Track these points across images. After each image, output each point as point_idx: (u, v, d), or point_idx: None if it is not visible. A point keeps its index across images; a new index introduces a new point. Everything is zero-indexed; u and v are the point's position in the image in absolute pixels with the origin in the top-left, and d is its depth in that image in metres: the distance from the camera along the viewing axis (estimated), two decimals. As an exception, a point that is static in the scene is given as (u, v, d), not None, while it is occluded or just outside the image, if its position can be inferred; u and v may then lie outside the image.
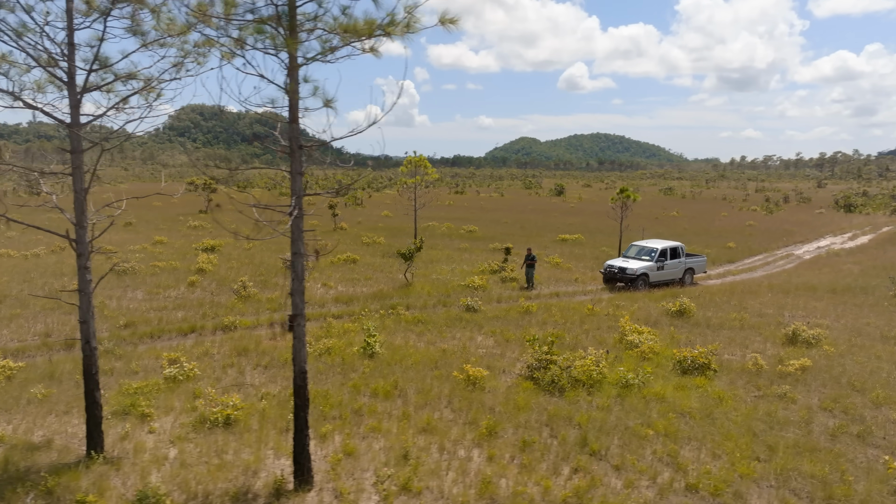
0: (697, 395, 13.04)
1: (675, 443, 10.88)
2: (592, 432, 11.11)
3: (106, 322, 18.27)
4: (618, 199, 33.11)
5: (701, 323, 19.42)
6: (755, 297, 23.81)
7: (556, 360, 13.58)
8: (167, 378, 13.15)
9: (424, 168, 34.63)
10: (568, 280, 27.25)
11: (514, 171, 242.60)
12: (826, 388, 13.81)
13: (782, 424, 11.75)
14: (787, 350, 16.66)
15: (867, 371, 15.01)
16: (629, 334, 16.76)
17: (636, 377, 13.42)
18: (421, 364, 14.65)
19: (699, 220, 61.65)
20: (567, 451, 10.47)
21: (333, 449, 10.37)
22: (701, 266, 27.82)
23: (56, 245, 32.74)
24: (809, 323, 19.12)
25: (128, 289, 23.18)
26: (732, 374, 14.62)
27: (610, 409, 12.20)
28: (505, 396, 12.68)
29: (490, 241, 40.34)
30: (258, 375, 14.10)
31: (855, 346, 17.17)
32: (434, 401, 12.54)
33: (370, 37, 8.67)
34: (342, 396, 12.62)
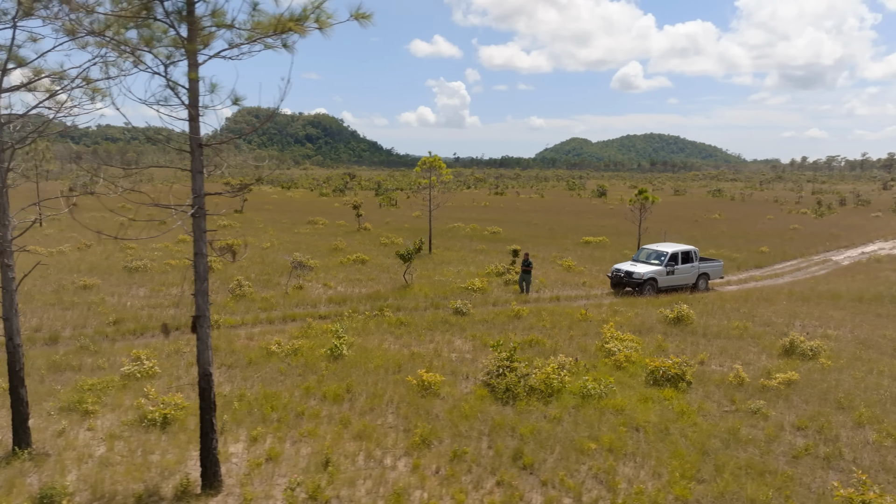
0: (660, 408, 12.33)
1: (617, 459, 10.28)
2: (532, 444, 10.62)
3: (97, 318, 18.74)
4: (636, 200, 32.01)
5: (697, 331, 18.50)
6: (769, 305, 22.58)
7: (516, 368, 13.10)
8: (124, 375, 13.31)
9: (439, 168, 34.32)
10: (575, 284, 26.50)
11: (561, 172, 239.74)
12: (808, 405, 12.87)
13: (743, 443, 10.96)
14: (781, 362, 15.66)
15: (861, 387, 13.93)
16: (609, 342, 16.08)
17: (598, 387, 12.80)
18: (384, 368, 14.40)
19: (741, 223, 59.33)
20: (498, 464, 10.03)
21: (259, 452, 10.23)
22: (717, 271, 26.60)
23: (82, 243, 34.02)
24: (810, 334, 18.04)
25: (133, 286, 23.78)
26: (710, 387, 13.80)
27: (560, 421, 11.66)
28: (454, 404, 12.30)
29: (511, 243, 39.71)
30: (219, 375, 14.11)
31: (859, 360, 16.00)
32: (381, 406, 12.28)
33: (277, 33, 8.47)
34: (291, 398, 12.49)
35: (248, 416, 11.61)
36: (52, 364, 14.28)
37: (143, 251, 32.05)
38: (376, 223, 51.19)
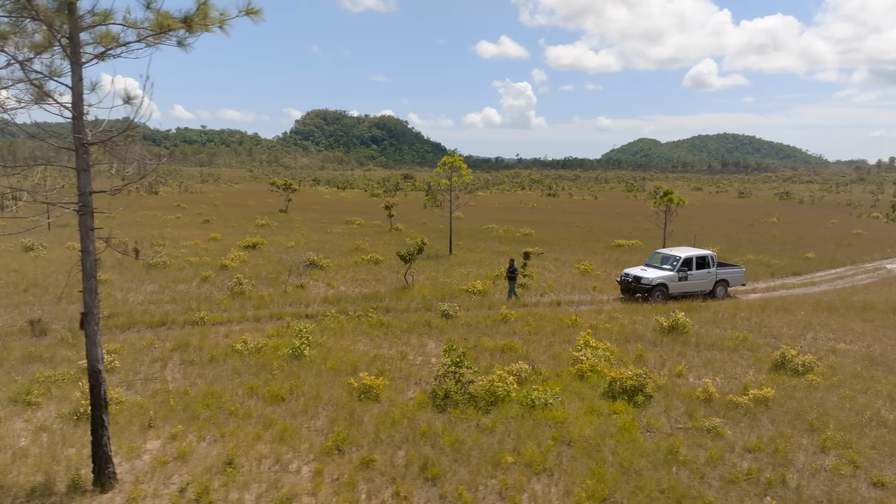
0: (602, 422, 11.62)
1: (532, 474, 9.74)
2: (449, 455, 10.21)
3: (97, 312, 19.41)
4: (660, 202, 30.65)
5: (690, 342, 17.43)
6: (786, 315, 21.08)
7: (463, 374, 12.66)
8: (80, 369, 13.69)
9: (460, 169, 33.91)
10: (585, 288, 25.59)
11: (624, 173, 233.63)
12: (773, 425, 11.84)
13: (678, 464, 10.16)
14: (768, 377, 14.52)
15: (845, 408, 12.71)
16: (581, 349, 15.35)
17: (543, 397, 12.21)
18: (338, 369, 14.26)
19: (799, 227, 56.15)
20: (403, 474, 9.67)
21: (171, 451, 10.26)
22: (737, 278, 25.06)
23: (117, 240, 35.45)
24: (803, 348, 16.74)
25: (146, 282, 24.61)
26: (674, 401, 12.92)
27: (492, 431, 11.17)
28: (388, 410, 11.99)
29: (539, 244, 38.94)
30: (178, 370, 14.34)
31: (858, 378, 14.65)
32: (314, 409, 12.12)
33: (161, 32, 8.45)
34: (230, 397, 12.52)
35: (179, 413, 11.69)
36: (27, 355, 14.89)
37: (174, 248, 33.19)
38: (412, 224, 51.33)
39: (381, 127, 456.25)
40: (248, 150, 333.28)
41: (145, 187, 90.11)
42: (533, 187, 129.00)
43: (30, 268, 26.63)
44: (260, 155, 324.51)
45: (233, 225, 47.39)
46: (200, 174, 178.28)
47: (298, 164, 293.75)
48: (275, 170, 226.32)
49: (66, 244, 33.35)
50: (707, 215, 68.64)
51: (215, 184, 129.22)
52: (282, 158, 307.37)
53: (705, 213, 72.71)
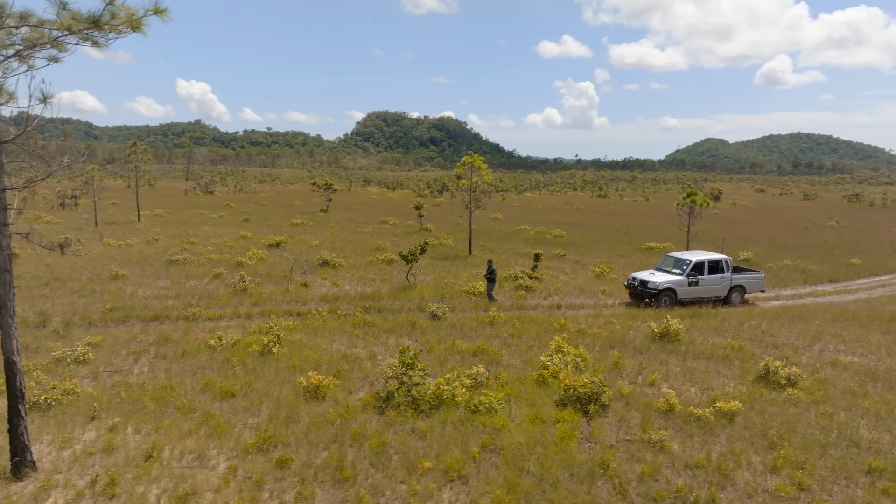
0: (541, 430, 11.17)
1: (446, 481, 9.46)
2: (369, 458, 10.06)
3: (99, 305, 20.24)
4: (684, 204, 29.40)
5: (679, 350, 16.61)
6: (799, 325, 19.83)
7: (411, 377, 12.46)
8: (54, 360, 14.26)
9: (479, 169, 33.54)
10: (593, 292, 24.83)
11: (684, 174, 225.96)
12: (730, 441, 11.10)
13: (607, 477, 9.65)
14: (747, 389, 13.65)
15: (818, 426, 11.80)
16: (553, 355, 14.84)
17: (488, 402, 11.87)
18: (300, 367, 14.30)
19: (858, 231, 52.91)
20: (314, 475, 9.58)
21: (99, 442, 10.50)
22: (755, 284, 23.72)
23: (150, 237, 37.00)
24: (787, 360, 15.60)
25: (160, 277, 25.47)
26: (631, 412, 12.32)
27: (425, 436, 10.93)
28: (327, 409, 11.93)
29: (567, 246, 38.15)
30: (147, 364, 14.71)
31: (848, 393, 13.59)
32: (258, 406, 12.19)
33: (72, 33, 8.65)
34: (183, 392, 12.75)
35: (127, 405, 11.98)
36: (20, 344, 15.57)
37: (203, 245, 34.26)
38: (446, 224, 51.25)
39: (439, 128, 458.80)
40: (309, 152, 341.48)
41: (202, 187, 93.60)
42: (585, 188, 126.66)
43: (60, 263, 28.02)
44: (321, 156, 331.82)
45: (269, 224, 48.53)
46: (261, 174, 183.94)
47: (357, 164, 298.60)
48: (333, 170, 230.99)
49: (104, 241, 34.94)
50: (760, 218, 65.64)
51: (272, 184, 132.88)
52: (341, 159, 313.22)
53: (759, 215, 69.54)
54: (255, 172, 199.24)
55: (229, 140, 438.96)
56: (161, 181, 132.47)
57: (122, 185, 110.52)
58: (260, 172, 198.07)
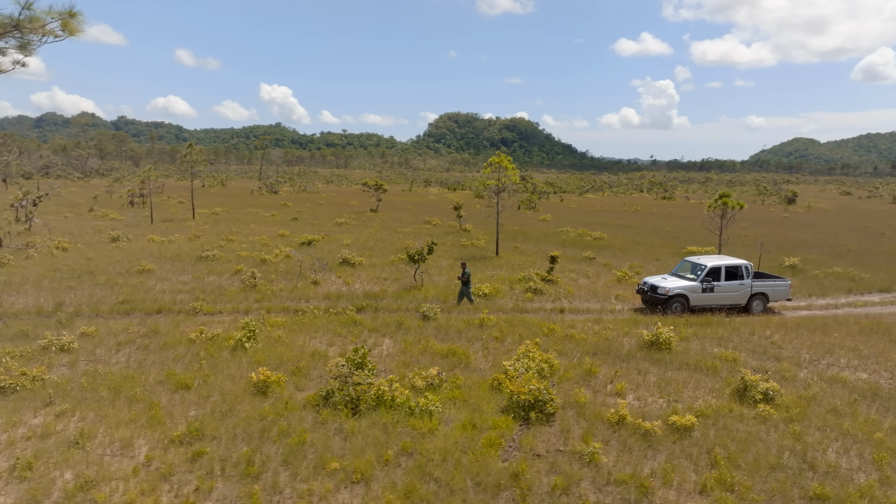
0: (469, 436, 10.84)
1: (349, 483, 9.35)
2: (283, 455, 10.08)
3: (114, 297, 21.29)
4: (715, 206, 27.89)
5: (664, 359, 15.76)
6: (818, 336, 18.45)
7: (355, 376, 12.41)
8: (40, 347, 15.10)
9: (507, 169, 33.04)
10: (606, 296, 23.96)
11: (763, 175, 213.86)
12: (670, 458, 10.42)
13: (516, 489, 9.26)
14: (721, 403, 12.79)
15: (780, 447, 10.89)
16: (520, 359, 14.41)
17: (425, 405, 11.66)
18: (263, 362, 14.53)
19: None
20: (222, 468, 9.70)
21: (40, 428, 11.01)
22: (779, 292, 22.17)
23: (192, 234, 38.64)
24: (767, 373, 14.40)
25: (184, 272, 26.55)
26: (580, 421, 11.78)
27: (350, 435, 10.85)
28: (267, 405, 12.04)
29: (603, 249, 37.07)
30: (129, 354, 15.32)
31: (833, 413, 12.51)
32: (204, 399, 12.45)
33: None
34: (142, 382, 13.20)
35: (84, 393, 12.52)
36: (18, 333, 16.65)
37: (241, 242, 35.50)
38: (487, 224, 50.81)
39: (511, 129, 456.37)
40: (381, 153, 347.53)
41: (268, 187, 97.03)
42: (652, 190, 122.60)
43: (102, 256, 29.71)
44: (392, 157, 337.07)
45: (314, 223, 49.67)
46: (330, 175, 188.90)
47: (427, 165, 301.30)
48: (401, 171, 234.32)
49: (148, 237, 36.83)
50: (831, 222, 61.51)
51: (338, 184, 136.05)
52: (411, 161, 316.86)
53: (832, 219, 65.17)
54: (326, 173, 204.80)
55: (307, 142, 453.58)
56: (235, 181, 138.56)
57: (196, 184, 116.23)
58: (330, 173, 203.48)
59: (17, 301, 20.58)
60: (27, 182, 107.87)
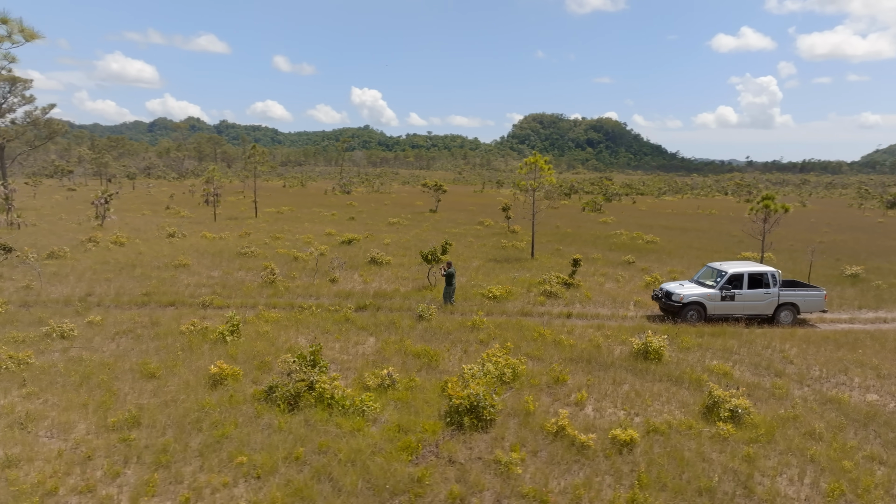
0: (392, 437, 10.64)
1: (251, 477, 9.43)
2: (199, 446, 10.31)
3: (140, 289, 22.55)
4: (758, 209, 26.00)
5: (648, 369, 14.84)
6: (842, 352, 16.84)
7: (298, 373, 12.49)
8: (43, 334, 16.19)
9: (541, 170, 32.21)
10: (624, 302, 22.88)
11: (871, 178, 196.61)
12: (592, 475, 9.79)
13: (411, 494, 9.01)
14: (684, 420, 11.91)
15: (724, 469, 9.99)
16: (478, 362, 14.01)
17: (358, 405, 11.57)
18: (234, 356, 14.91)
19: None
20: (139, 455, 10.03)
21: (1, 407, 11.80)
22: (812, 303, 20.32)
23: (243, 231, 40.28)
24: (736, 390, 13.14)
25: (216, 268, 27.72)
26: (521, 430, 11.31)
27: (277, 430, 10.94)
28: (214, 397, 12.34)
29: (654, 253, 35.51)
30: (121, 343, 16.15)
31: (808, 437, 11.39)
32: (164, 388, 12.91)
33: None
34: (113, 369, 13.87)
35: (58, 377, 13.30)
36: (34, 319, 17.95)
37: (288, 240, 36.71)
38: (540, 226, 49.86)
39: (597, 129, 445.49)
40: (463, 154, 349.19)
41: (341, 187, 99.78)
42: (737, 192, 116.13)
43: (151, 251, 31.57)
44: (474, 159, 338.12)
45: (368, 222, 50.53)
46: (410, 176, 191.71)
47: (508, 167, 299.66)
48: (481, 172, 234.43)
49: (201, 234, 38.75)
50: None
51: (414, 185, 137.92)
52: (493, 162, 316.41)
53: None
54: (406, 174, 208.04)
55: (393, 143, 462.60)
56: (317, 181, 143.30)
57: (276, 185, 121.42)
58: (410, 174, 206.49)
59: (54, 290, 22.19)
60: (128, 181, 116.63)
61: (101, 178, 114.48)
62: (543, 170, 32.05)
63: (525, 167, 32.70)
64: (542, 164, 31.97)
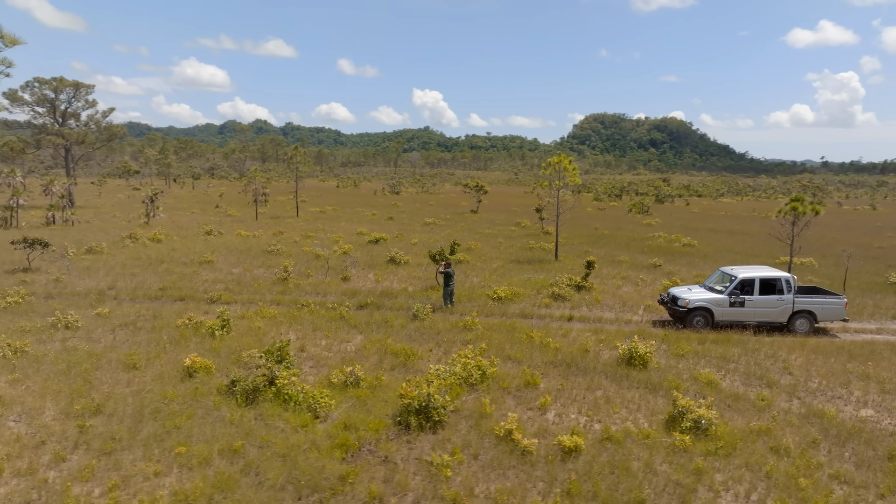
0: (335, 434, 10.68)
1: (182, 468, 9.67)
2: (147, 435, 10.65)
3: (157, 284, 23.49)
4: (786, 212, 24.67)
5: (631, 376, 14.33)
6: (850, 365, 15.81)
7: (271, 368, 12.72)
8: (49, 324, 17.07)
9: (564, 170, 31.55)
10: (635, 306, 22.16)
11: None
12: (526, 481, 9.55)
13: (331, 492, 9.03)
14: (642, 429, 11.46)
15: (666, 481, 9.56)
16: (455, 364, 13.87)
17: (308, 402, 11.69)
18: (216, 350, 15.31)
19: None
20: (88, 442, 10.44)
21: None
22: (830, 311, 19.09)
23: (277, 230, 41.29)
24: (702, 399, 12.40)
25: (239, 265, 28.52)
26: (469, 434, 11.15)
27: (229, 424, 11.18)
28: (176, 390, 12.71)
29: (685, 256, 34.32)
30: (118, 335, 16.85)
31: (772, 453, 10.72)
32: (140, 379, 13.40)
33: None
34: (98, 359, 14.49)
35: (46, 365, 13.99)
36: (48, 310, 18.96)
37: (319, 238, 37.46)
38: (572, 227, 49.00)
39: (661, 129, 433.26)
40: (521, 155, 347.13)
41: (390, 188, 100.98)
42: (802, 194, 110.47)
43: (184, 247, 32.84)
44: (532, 160, 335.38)
45: (405, 222, 50.92)
46: (465, 177, 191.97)
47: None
48: (536, 173, 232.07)
49: (237, 231, 39.99)
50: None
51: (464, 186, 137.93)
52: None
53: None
54: (461, 175, 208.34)
55: (451, 144, 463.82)
56: (371, 182, 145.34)
57: (331, 185, 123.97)
58: (465, 175, 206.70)
59: (80, 284, 23.38)
60: (193, 181, 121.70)
61: (166, 178, 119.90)
62: (567, 170, 31.44)
63: (549, 167, 32.14)
64: (565, 165, 31.39)
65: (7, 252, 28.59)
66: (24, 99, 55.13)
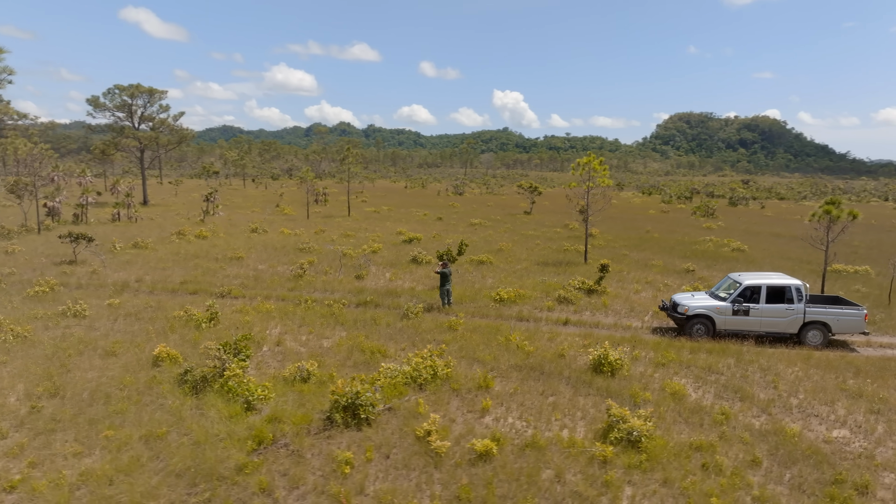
0: (251, 427, 10.92)
1: (100, 450, 10.22)
2: (91, 418, 11.30)
3: (181, 278, 24.74)
4: (819, 215, 22.93)
5: (595, 383, 13.80)
6: (854, 381, 14.59)
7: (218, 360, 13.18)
8: (59, 313, 18.35)
9: (594, 171, 30.57)
10: (642, 311, 21.27)
11: None
12: (419, 484, 9.44)
13: (231, 482, 9.28)
14: (571, 437, 11.05)
15: (570, 493, 9.18)
16: (405, 360, 13.84)
17: (245, 395, 12.02)
18: (195, 341, 15.97)
19: None
20: (34, 421, 11.18)
21: (-25, 371, 13.65)
22: (847, 323, 17.55)
23: (319, 228, 42.37)
24: (634, 410, 11.61)
25: (267, 261, 29.53)
26: (394, 434, 11.12)
27: (169, 411, 11.68)
28: (135, 377, 13.36)
29: (724, 261, 32.60)
30: (120, 325, 17.89)
31: (702, 469, 10.05)
32: (114, 365, 14.19)
33: None
34: (85, 345, 15.46)
35: (36, 350, 15.08)
36: (72, 299, 20.38)
37: (350, 238, 38.27)
38: (620, 230, 47.48)
39: (751, 129, 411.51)
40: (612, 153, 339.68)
41: (454, 189, 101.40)
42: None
43: (226, 244, 34.35)
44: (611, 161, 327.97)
45: (452, 223, 50.98)
46: (538, 178, 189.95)
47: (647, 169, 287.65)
48: (616, 175, 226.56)
49: (280, 230, 41.40)
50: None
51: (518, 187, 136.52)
52: (630, 164, 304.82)
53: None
54: (536, 176, 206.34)
55: (530, 145, 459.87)
56: (440, 182, 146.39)
57: (399, 185, 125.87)
58: (539, 176, 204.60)
59: (113, 276, 24.97)
60: (272, 181, 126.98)
61: (243, 178, 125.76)
62: (597, 171, 30.55)
63: (578, 167, 31.34)
64: (595, 165, 30.51)
65: (60, 246, 30.91)
66: (105, 105, 59.40)
